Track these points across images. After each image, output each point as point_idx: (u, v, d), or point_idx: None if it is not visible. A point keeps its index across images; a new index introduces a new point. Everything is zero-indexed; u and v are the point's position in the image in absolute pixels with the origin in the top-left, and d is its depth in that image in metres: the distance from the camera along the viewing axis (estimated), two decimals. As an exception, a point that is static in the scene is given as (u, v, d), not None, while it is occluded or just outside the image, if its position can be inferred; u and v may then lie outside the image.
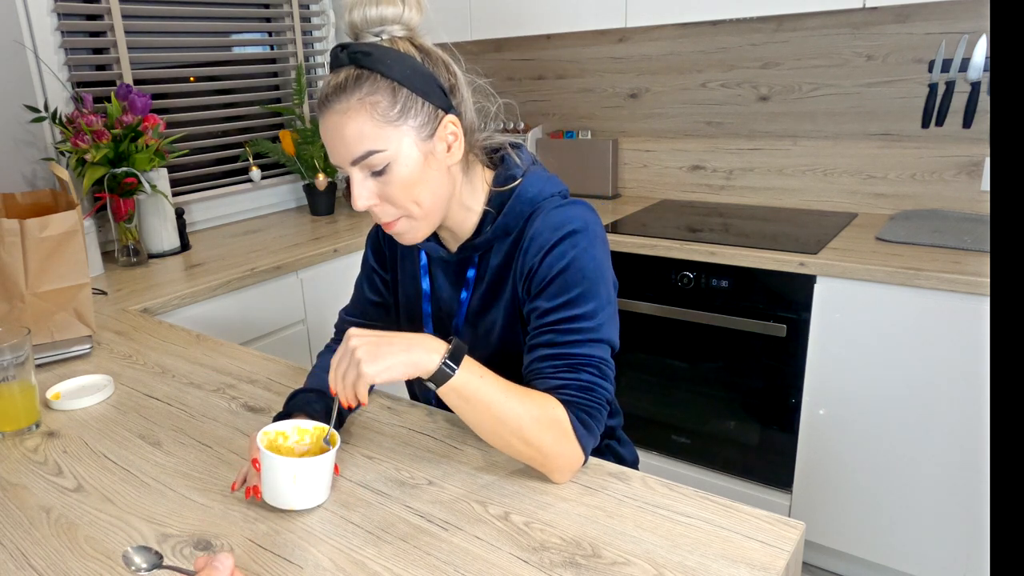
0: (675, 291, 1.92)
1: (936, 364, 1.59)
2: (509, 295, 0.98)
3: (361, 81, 0.85)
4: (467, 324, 1.03)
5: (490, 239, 0.97)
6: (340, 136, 0.86)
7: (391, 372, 0.78)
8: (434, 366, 0.80)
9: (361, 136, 0.85)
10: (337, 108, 0.86)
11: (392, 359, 0.79)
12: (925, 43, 1.92)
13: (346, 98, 0.85)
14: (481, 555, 0.74)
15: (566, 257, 0.91)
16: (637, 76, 2.42)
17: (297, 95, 2.44)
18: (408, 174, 0.88)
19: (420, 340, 0.81)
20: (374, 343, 0.79)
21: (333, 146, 0.88)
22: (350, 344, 0.80)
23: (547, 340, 0.91)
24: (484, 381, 0.82)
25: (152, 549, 0.70)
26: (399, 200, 0.89)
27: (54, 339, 1.34)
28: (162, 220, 1.99)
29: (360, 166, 0.87)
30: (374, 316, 1.14)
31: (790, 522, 0.77)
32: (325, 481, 0.82)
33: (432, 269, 1.06)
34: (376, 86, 0.85)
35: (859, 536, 1.79)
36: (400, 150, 0.87)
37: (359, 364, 0.78)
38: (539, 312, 0.92)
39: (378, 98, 0.85)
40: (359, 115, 0.85)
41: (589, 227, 0.93)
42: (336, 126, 0.86)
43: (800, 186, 2.20)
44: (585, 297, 0.90)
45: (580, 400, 0.87)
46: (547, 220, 0.93)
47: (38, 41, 1.86)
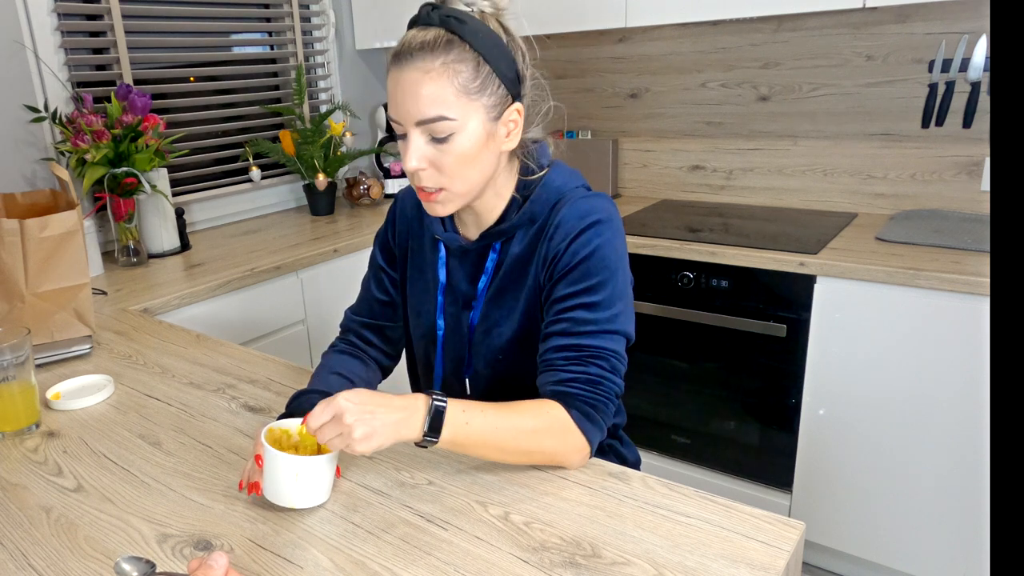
0: (675, 291, 1.92)
1: (936, 364, 1.59)
2: (531, 282, 0.98)
3: (451, 46, 0.86)
4: (483, 312, 1.02)
5: (516, 225, 0.98)
6: (415, 93, 0.86)
7: (381, 448, 0.79)
8: (417, 437, 0.80)
9: (436, 100, 0.86)
10: (419, 65, 0.85)
11: (383, 438, 0.78)
12: (925, 43, 1.92)
13: (432, 58, 0.85)
14: (481, 555, 0.74)
15: (590, 245, 0.92)
16: (637, 76, 2.42)
17: (297, 95, 2.44)
18: (467, 149, 0.89)
19: (405, 415, 0.80)
20: (369, 422, 0.77)
21: (402, 101, 0.87)
22: (344, 420, 0.77)
23: (562, 329, 0.92)
24: (471, 427, 0.82)
25: (143, 559, 0.70)
26: (450, 171, 0.89)
27: (54, 339, 1.34)
28: (162, 220, 1.99)
29: (424, 128, 0.87)
30: (381, 315, 1.13)
31: (790, 522, 0.77)
32: (327, 481, 0.82)
33: (449, 261, 1.06)
34: (464, 55, 0.86)
35: (859, 536, 1.79)
36: (467, 124, 0.88)
37: (352, 443, 0.76)
38: (558, 297, 0.93)
39: (462, 68, 0.86)
40: (440, 79, 0.85)
41: (613, 219, 0.95)
42: (413, 83, 0.86)
43: (800, 186, 2.20)
44: (604, 286, 0.92)
45: (585, 393, 0.88)
46: (573, 208, 0.94)
47: (38, 41, 1.86)
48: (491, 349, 1.02)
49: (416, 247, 1.10)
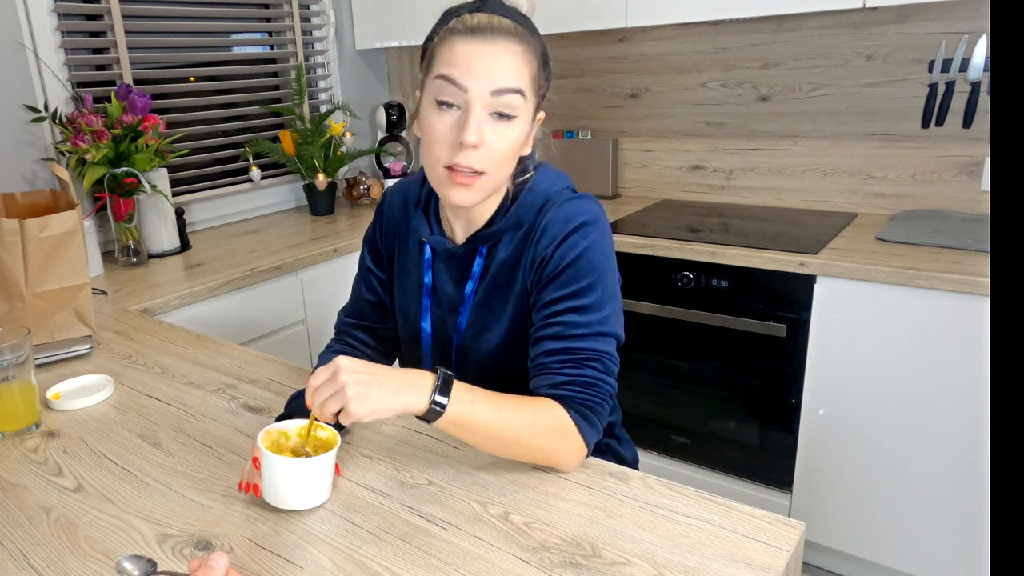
0: (675, 291, 1.92)
1: (936, 364, 1.59)
2: (519, 288, 0.98)
3: (528, 40, 0.87)
4: (471, 317, 1.02)
5: (502, 229, 0.98)
6: (497, 64, 0.84)
7: (377, 415, 0.77)
8: (423, 406, 0.79)
9: (518, 74, 0.86)
10: (503, 44, 0.85)
11: (381, 402, 0.77)
12: (925, 43, 1.92)
13: (516, 43, 0.86)
14: (481, 555, 0.74)
15: (577, 247, 0.92)
16: (637, 76, 2.42)
17: (297, 95, 2.44)
18: (517, 138, 0.89)
19: (408, 381, 0.79)
20: (364, 382, 0.77)
21: (480, 70, 0.84)
22: (340, 377, 0.76)
23: (554, 333, 0.91)
24: (476, 407, 0.82)
25: (144, 557, 0.70)
26: (499, 154, 0.88)
27: (54, 339, 1.34)
28: (162, 220, 1.99)
29: (496, 100, 0.85)
30: (372, 317, 1.13)
31: (790, 522, 0.77)
32: (325, 482, 0.82)
33: (435, 263, 1.05)
34: (536, 52, 0.88)
35: (859, 536, 1.79)
36: (524, 112, 0.88)
37: (347, 402, 0.76)
38: (548, 301, 0.93)
39: (534, 62, 0.88)
40: (522, 62, 0.86)
41: (599, 220, 0.95)
42: (494, 55, 0.85)
43: (800, 186, 2.20)
44: (594, 288, 0.92)
45: (582, 395, 0.88)
46: (559, 212, 0.94)
47: (38, 41, 1.86)
48: (479, 354, 1.02)
49: (402, 248, 1.09)
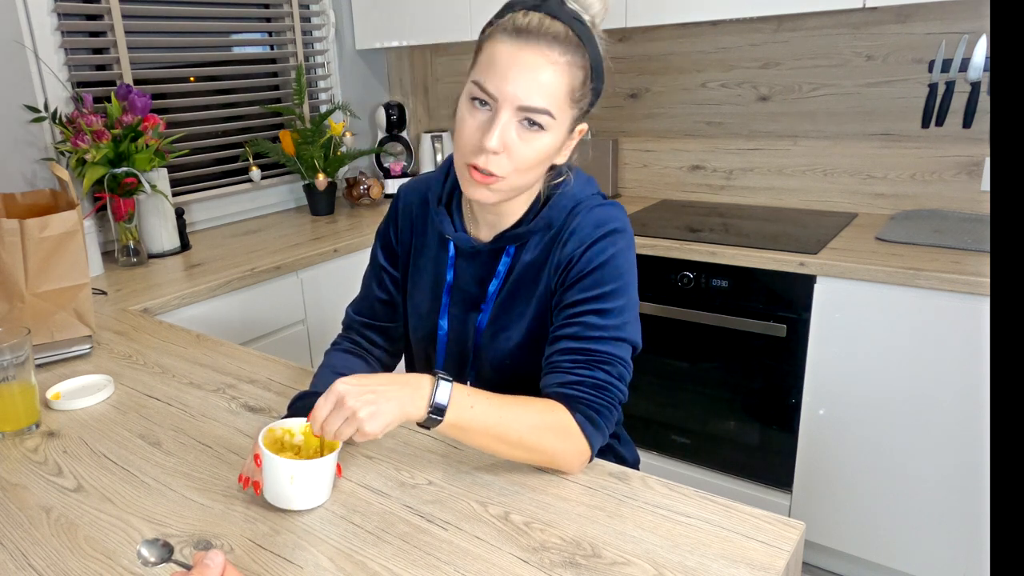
0: (675, 291, 1.92)
1: (936, 364, 1.59)
2: (542, 289, 0.98)
3: (576, 49, 0.85)
4: (491, 316, 1.02)
5: (532, 230, 0.98)
6: (532, 77, 0.84)
7: (389, 428, 0.78)
8: (422, 415, 0.79)
9: (550, 92, 0.85)
10: (545, 52, 0.84)
11: (390, 416, 0.77)
12: (925, 43, 1.92)
13: (560, 51, 0.84)
14: (481, 555, 0.74)
15: (605, 253, 0.93)
16: (637, 76, 2.42)
17: (297, 95, 2.44)
18: (545, 148, 0.88)
19: (408, 390, 0.79)
20: (372, 401, 0.76)
21: (514, 78, 0.84)
22: (347, 403, 0.76)
23: (572, 332, 0.92)
24: (475, 411, 0.82)
25: (160, 540, 0.69)
26: (521, 162, 0.87)
27: (54, 339, 1.33)
28: (162, 220, 1.99)
29: (522, 113, 0.85)
30: (382, 315, 1.13)
31: (790, 522, 0.77)
32: (325, 483, 0.82)
33: (457, 261, 1.05)
34: (583, 62, 0.87)
35: (859, 536, 1.79)
36: (557, 126, 0.88)
37: (361, 424, 0.76)
38: (570, 302, 0.93)
39: (579, 73, 0.87)
40: (561, 74, 0.85)
41: (627, 229, 0.96)
42: (533, 65, 0.84)
43: (800, 186, 2.20)
44: (616, 294, 0.92)
45: (590, 397, 0.88)
46: (589, 216, 0.95)
47: (38, 41, 1.86)
48: (497, 353, 1.02)
49: (420, 245, 1.08)
